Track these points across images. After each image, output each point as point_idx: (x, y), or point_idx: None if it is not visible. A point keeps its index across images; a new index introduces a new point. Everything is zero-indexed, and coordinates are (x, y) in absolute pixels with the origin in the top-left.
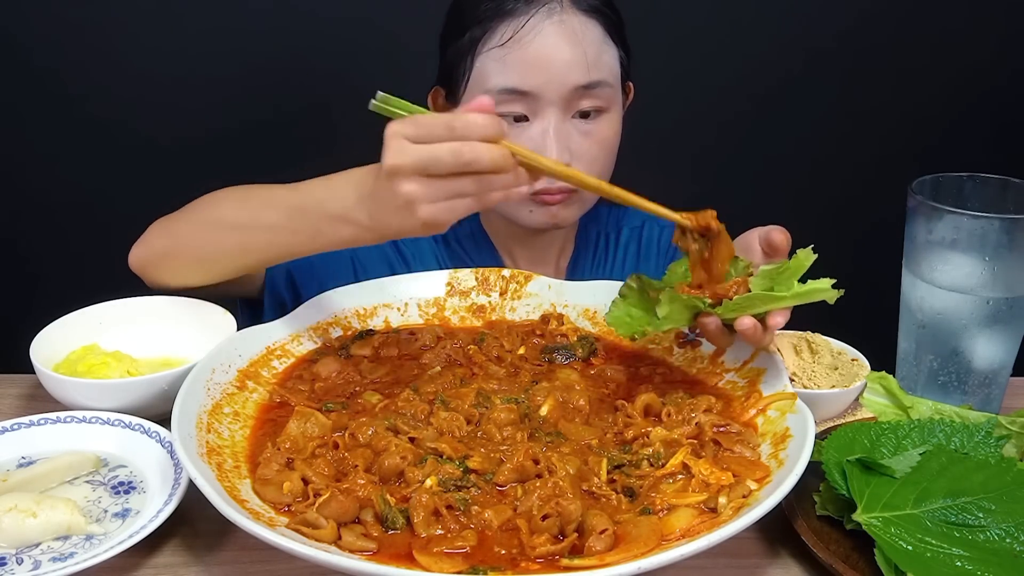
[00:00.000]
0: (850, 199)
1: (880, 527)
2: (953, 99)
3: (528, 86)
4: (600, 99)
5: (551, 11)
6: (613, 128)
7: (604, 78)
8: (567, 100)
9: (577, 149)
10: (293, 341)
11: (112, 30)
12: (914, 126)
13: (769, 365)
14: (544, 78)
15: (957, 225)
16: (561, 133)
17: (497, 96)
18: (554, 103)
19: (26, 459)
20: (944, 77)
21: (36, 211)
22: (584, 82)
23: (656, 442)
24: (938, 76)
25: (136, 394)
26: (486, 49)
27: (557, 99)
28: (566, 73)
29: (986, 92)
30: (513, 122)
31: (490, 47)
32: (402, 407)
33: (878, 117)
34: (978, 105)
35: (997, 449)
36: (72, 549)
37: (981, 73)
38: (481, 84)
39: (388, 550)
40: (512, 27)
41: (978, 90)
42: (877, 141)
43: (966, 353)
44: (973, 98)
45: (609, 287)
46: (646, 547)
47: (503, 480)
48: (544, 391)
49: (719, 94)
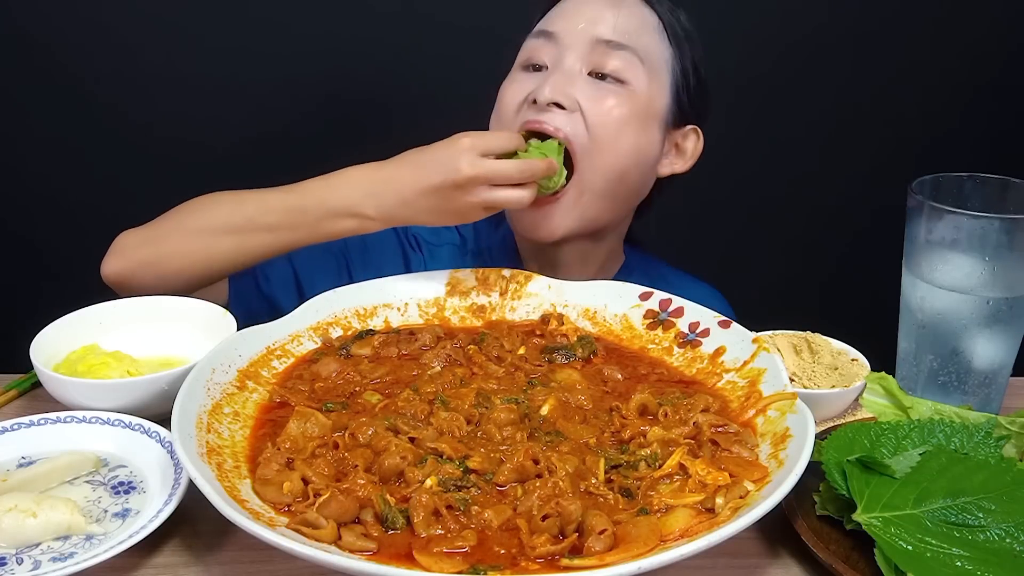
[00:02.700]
0: (850, 199)
1: (880, 527)
2: (953, 99)
3: (554, 28)
4: (623, 63)
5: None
6: (626, 111)
7: (633, 45)
8: (586, 52)
9: (581, 99)
10: (293, 341)
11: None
12: (914, 126)
13: (769, 365)
14: (570, 23)
15: (957, 225)
16: (570, 74)
17: (530, 43)
18: (574, 49)
19: (26, 459)
20: (944, 76)
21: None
22: (607, 36)
23: (654, 442)
24: (938, 76)
25: (136, 394)
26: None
27: (577, 46)
28: (593, 22)
29: (986, 92)
30: (533, 71)
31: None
32: (402, 407)
33: (878, 117)
34: (978, 105)
35: (997, 449)
36: (72, 549)
37: (981, 73)
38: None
39: (388, 550)
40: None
41: (978, 90)
42: (877, 141)
43: (966, 353)
44: (973, 98)
45: (609, 287)
46: (646, 547)
47: (503, 480)
48: (544, 391)
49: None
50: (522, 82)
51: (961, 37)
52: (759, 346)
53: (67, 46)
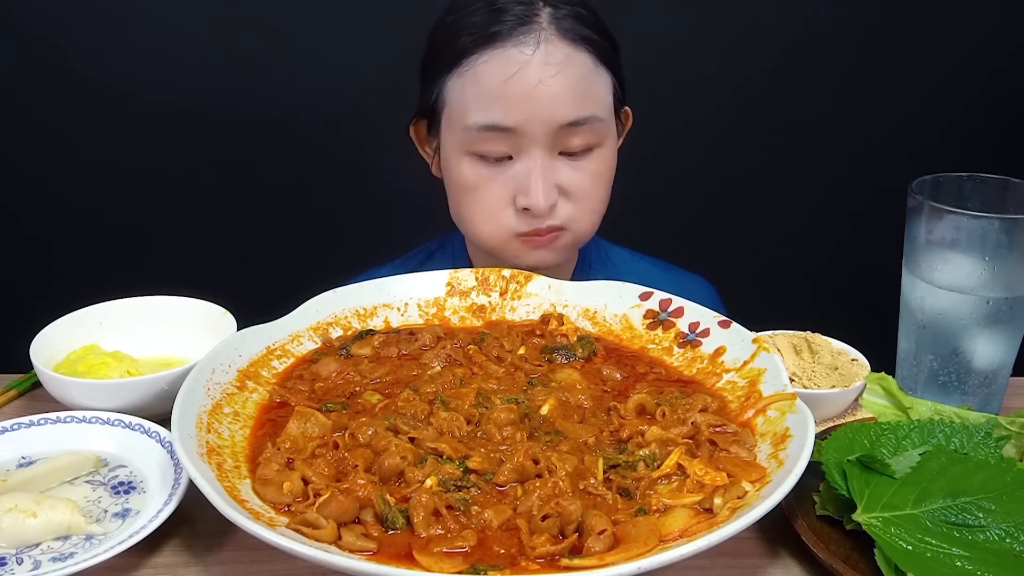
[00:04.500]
0: (850, 199)
1: (880, 527)
2: (953, 99)
3: (511, 122)
4: (591, 135)
5: (535, 41)
6: (606, 162)
7: (594, 112)
8: (553, 137)
9: (568, 185)
10: (293, 341)
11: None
12: (914, 126)
13: (769, 365)
14: (527, 114)
15: (957, 225)
16: (548, 170)
17: (477, 133)
18: (539, 141)
19: (26, 459)
20: (944, 77)
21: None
22: (572, 118)
23: (652, 442)
24: (938, 75)
25: (136, 394)
26: (464, 81)
27: (542, 136)
28: (552, 108)
29: (986, 92)
30: (495, 162)
31: (469, 80)
32: (402, 407)
33: (878, 117)
34: (978, 105)
35: (997, 449)
36: (72, 549)
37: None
38: (461, 119)
39: (388, 550)
40: (492, 58)
41: (978, 90)
42: (877, 141)
43: (966, 353)
44: (973, 98)
45: (609, 287)
46: (645, 547)
47: (503, 480)
48: (544, 391)
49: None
50: (492, 178)
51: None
52: (759, 346)
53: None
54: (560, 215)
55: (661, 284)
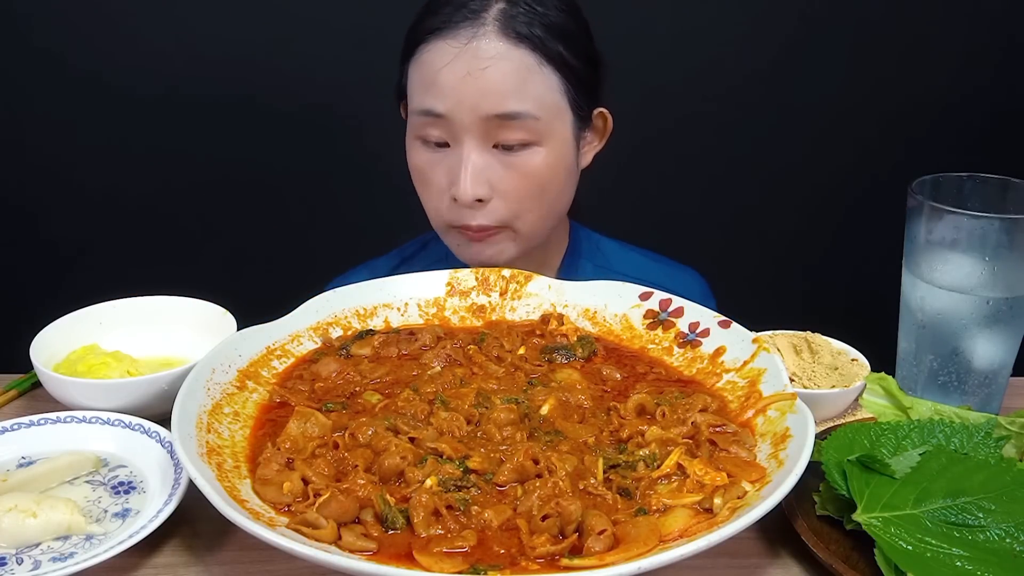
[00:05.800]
0: (850, 199)
1: (880, 527)
2: (953, 98)
3: (442, 109)
4: (524, 131)
5: (471, 35)
6: (545, 161)
7: (527, 110)
8: (484, 129)
9: (497, 182)
10: (293, 341)
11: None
12: (914, 126)
13: (769, 365)
14: (455, 102)
15: (957, 225)
16: (479, 162)
17: (419, 118)
18: (469, 130)
19: (26, 459)
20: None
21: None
22: (499, 111)
23: (652, 442)
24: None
25: (136, 394)
26: (414, 68)
27: (471, 126)
28: (477, 100)
29: (986, 91)
30: (436, 148)
31: (416, 67)
32: (402, 407)
33: (878, 116)
34: (978, 105)
35: (997, 449)
36: (72, 549)
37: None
38: (411, 104)
39: (388, 550)
40: (435, 48)
41: (978, 89)
42: (876, 141)
43: (966, 353)
44: (973, 97)
45: (609, 287)
46: (645, 547)
47: (503, 480)
48: (544, 391)
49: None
50: (435, 163)
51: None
52: (759, 346)
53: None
54: (494, 215)
55: (652, 274)
